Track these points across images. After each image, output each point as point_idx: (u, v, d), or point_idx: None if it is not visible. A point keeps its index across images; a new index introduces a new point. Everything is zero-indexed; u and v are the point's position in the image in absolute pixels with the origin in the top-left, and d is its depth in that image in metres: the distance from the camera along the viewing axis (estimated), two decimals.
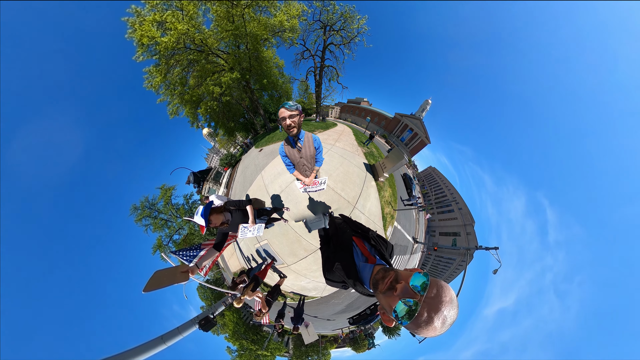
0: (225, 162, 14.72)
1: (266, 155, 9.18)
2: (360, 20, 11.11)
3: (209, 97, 12.72)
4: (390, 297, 0.84)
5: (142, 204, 12.40)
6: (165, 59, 10.24)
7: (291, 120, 2.00)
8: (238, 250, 8.21)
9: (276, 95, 14.80)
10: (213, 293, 16.94)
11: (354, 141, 10.41)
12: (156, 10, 8.79)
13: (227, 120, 14.80)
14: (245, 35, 11.16)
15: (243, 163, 11.48)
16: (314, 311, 8.28)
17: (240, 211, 2.63)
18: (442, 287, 0.76)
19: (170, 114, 12.16)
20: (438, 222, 19.20)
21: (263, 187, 7.03)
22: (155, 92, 11.01)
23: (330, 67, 13.67)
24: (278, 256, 6.19)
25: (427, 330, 0.73)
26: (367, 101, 29.64)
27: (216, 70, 12.31)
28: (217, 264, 11.53)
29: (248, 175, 8.69)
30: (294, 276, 6.23)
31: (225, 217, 2.39)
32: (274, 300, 4.94)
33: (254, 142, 14.63)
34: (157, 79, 10.58)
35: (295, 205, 6.07)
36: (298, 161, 2.54)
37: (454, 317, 0.74)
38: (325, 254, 1.62)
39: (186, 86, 12.06)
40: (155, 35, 9.09)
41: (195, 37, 10.22)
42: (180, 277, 1.87)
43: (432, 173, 24.51)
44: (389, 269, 0.99)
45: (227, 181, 13.75)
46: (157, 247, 12.33)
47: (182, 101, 12.14)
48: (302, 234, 5.88)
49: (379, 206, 6.83)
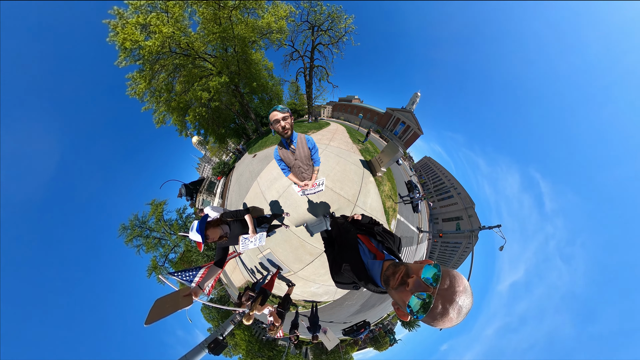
0: (218, 171, 14.27)
1: (261, 161, 9.03)
2: (347, 19, 11.44)
3: (197, 103, 12.38)
4: (403, 292, 0.83)
5: (132, 223, 11.56)
6: (150, 64, 9.86)
7: (285, 122, 2.01)
8: (241, 264, 7.95)
9: (267, 98, 14.70)
10: (219, 312, 16.02)
11: (349, 139, 10.53)
12: (140, 12, 8.50)
13: (217, 126, 14.43)
14: (233, 38, 11.07)
15: (237, 170, 11.24)
16: (329, 316, 8.12)
17: (238, 222, 2.51)
18: (454, 277, 0.76)
19: (157, 122, 11.65)
20: (440, 209, 19.85)
21: (260, 193, 6.87)
22: (140, 99, 10.52)
23: (320, 67, 13.87)
24: (283, 264, 5.98)
25: (444, 322, 0.73)
26: (358, 98, 30.35)
27: (204, 75, 12.04)
28: (219, 280, 10.90)
29: (243, 183, 8.49)
30: (302, 283, 6.07)
31: (223, 230, 2.24)
32: (286, 311, 4.71)
33: (247, 147, 14.40)
34: (141, 85, 10.13)
35: (295, 210, 5.97)
36: (293, 164, 2.52)
37: (469, 306, 0.74)
38: (331, 256, 1.55)
39: (172, 92, 11.67)
40: (139, 39, 8.75)
41: (181, 41, 9.97)
42: (183, 302, 1.73)
43: (428, 162, 25.55)
44: (398, 264, 0.97)
45: (221, 191, 13.35)
46: (152, 269, 11.48)
47: (168, 108, 11.70)
48: (306, 238, 5.76)
49: (380, 201, 6.88)
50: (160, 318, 1.65)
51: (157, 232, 11.85)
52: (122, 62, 9.12)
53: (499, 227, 9.09)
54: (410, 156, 23.23)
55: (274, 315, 4.06)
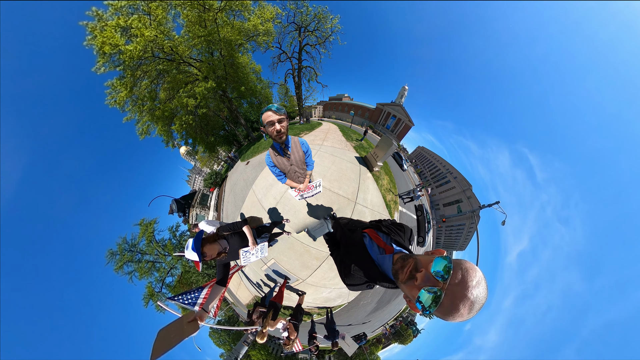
0: (211, 182, 13.63)
1: (254, 168, 8.84)
2: (333, 19, 11.85)
3: (183, 111, 11.87)
4: (411, 286, 0.81)
5: (120, 247, 10.44)
6: (131, 70, 9.29)
7: (281, 126, 1.88)
8: (245, 279, 7.59)
9: (256, 102, 14.50)
10: (230, 335, 14.83)
11: (342, 137, 10.73)
12: (120, 14, 8.04)
13: (205, 134, 13.88)
14: (219, 41, 10.91)
15: (230, 180, 10.87)
16: (346, 319, 7.92)
17: (237, 235, 2.39)
18: (467, 269, 0.71)
19: (140, 134, 10.91)
20: (439, 195, 20.78)
21: (257, 202, 6.69)
22: (121, 109, 9.82)
23: (308, 68, 14.09)
24: (290, 273, 5.79)
25: (454, 318, 0.71)
26: (348, 96, 31.21)
27: (189, 81, 11.63)
28: (224, 300, 10.20)
29: (238, 192, 8.21)
30: (313, 290, 5.89)
31: (221, 246, 2.14)
32: (300, 322, 4.53)
33: (239, 155, 14.01)
34: (121, 93, 9.48)
35: (295, 215, 5.85)
36: (289, 169, 2.43)
37: (483, 300, 0.70)
38: (338, 259, 1.51)
39: (156, 100, 11.07)
40: (119, 43, 8.24)
41: (165, 45, 9.58)
42: (189, 329, 1.61)
43: (422, 152, 26.88)
44: (407, 257, 0.94)
45: (215, 203, 12.78)
46: (148, 296, 10.37)
47: (152, 118, 11.04)
48: (310, 243, 5.65)
49: (380, 196, 6.93)
50: (166, 351, 1.51)
51: (150, 255, 10.80)
52: (101, 68, 8.49)
53: (498, 204, 9.67)
54: (404, 148, 24.43)
55: (291, 328, 3.87)
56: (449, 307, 0.70)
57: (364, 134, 12.23)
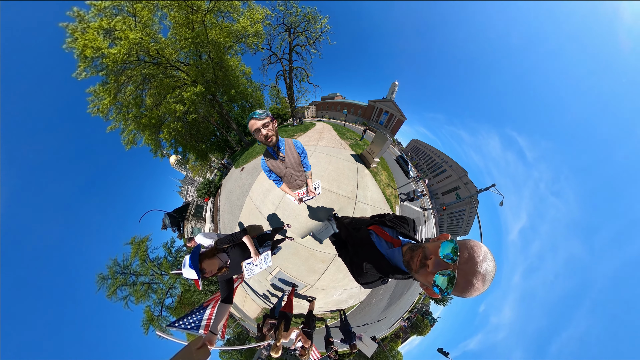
0: (204, 192, 13.10)
1: (249, 174, 8.67)
2: (323, 20, 12.06)
3: (172, 118, 11.38)
4: (425, 274, 0.87)
5: (112, 270, 9.53)
6: (115, 75, 8.77)
7: (267, 130, 1.86)
8: (250, 292, 7.34)
9: (247, 105, 14.27)
10: (242, 353, 13.89)
11: (337, 136, 10.89)
12: (104, 15, 7.57)
13: (196, 141, 13.36)
14: (207, 44, 10.67)
15: (225, 188, 10.58)
16: (361, 319, 7.91)
17: (237, 246, 2.31)
18: (472, 247, 0.78)
19: (126, 144, 10.25)
20: (437, 184, 21.97)
21: (255, 209, 6.55)
22: (104, 117, 9.18)
23: (299, 69, 14.15)
24: (297, 280, 5.69)
25: (472, 293, 0.77)
26: (340, 95, 31.81)
27: (177, 85, 11.20)
28: (231, 316, 9.73)
29: (234, 201, 8.01)
30: (323, 294, 5.83)
31: (221, 260, 2.05)
32: (313, 329, 4.48)
33: (233, 161, 13.65)
34: (105, 101, 8.88)
35: (296, 219, 5.81)
36: (284, 172, 2.41)
37: (493, 271, 0.77)
38: (348, 258, 1.54)
39: (142, 107, 10.53)
40: (102, 46, 7.76)
41: (151, 48, 9.18)
42: (199, 356, 1.52)
43: (417, 144, 28.36)
44: (415, 247, 1.00)
45: (211, 214, 12.29)
46: (148, 322, 9.48)
47: (139, 126, 10.44)
48: (314, 246, 5.64)
49: (380, 191, 7.06)
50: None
51: (145, 276, 9.95)
52: (82, 74, 7.92)
53: (494, 186, 10.21)
54: (398, 142, 25.35)
55: (303, 337, 3.78)
56: (464, 285, 0.76)
57: (363, 133, 12.40)
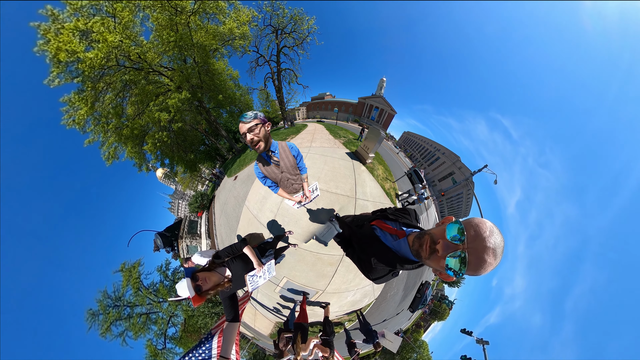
0: (197, 206, 12.36)
1: (244, 182, 8.50)
2: (310, 20, 12.34)
3: (156, 127, 10.69)
4: (437, 259, 0.89)
5: (102, 304, 8.41)
6: (92, 81, 8.06)
7: (253, 134, 1.78)
8: (260, 307, 7.11)
9: (236, 110, 13.85)
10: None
11: (329, 135, 11.10)
12: (80, 15, 6.93)
13: (184, 152, 12.61)
14: (192, 47, 10.31)
15: (219, 200, 10.24)
16: (379, 316, 8.00)
17: (238, 258, 2.20)
18: (477, 224, 0.81)
19: (107, 158, 9.36)
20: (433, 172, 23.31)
21: (253, 219, 6.47)
22: (81, 130, 8.32)
23: (288, 70, 14.21)
24: (307, 287, 5.65)
25: (486, 269, 0.78)
26: (330, 94, 32.42)
27: (160, 92, 10.58)
28: (242, 336, 9.15)
29: (230, 212, 7.82)
30: (336, 298, 5.84)
31: (221, 274, 1.97)
32: (332, 335, 4.44)
33: (225, 170, 13.12)
34: (81, 111, 8.08)
35: (297, 224, 5.81)
36: (280, 177, 2.35)
37: (502, 243, 0.78)
38: (356, 257, 1.56)
39: (123, 117, 9.73)
40: (78, 50, 7.10)
41: (131, 52, 8.61)
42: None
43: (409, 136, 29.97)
44: (422, 234, 1.02)
45: (207, 229, 11.64)
46: (152, 358, 8.39)
47: (120, 138, 9.62)
48: (319, 250, 5.65)
49: (379, 186, 7.24)
50: None
51: (142, 306, 8.88)
52: (55, 80, 7.14)
53: (486, 167, 10.96)
54: (391, 135, 26.46)
55: (320, 347, 3.73)
56: (477, 262, 0.78)
57: (361, 133, 12.41)
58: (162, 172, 19.42)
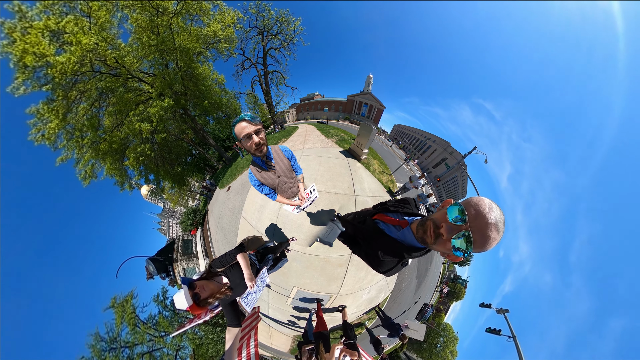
0: (189, 223, 11.60)
1: (238, 192, 8.25)
2: (296, 21, 12.53)
3: (137, 140, 9.86)
4: (442, 242, 0.94)
5: (96, 349, 7.22)
6: (64, 89, 7.19)
7: (259, 137, 1.75)
8: (273, 323, 6.82)
9: (223, 117, 13.31)
10: None
11: (321, 135, 11.33)
12: (51, 13, 6.16)
13: (170, 165, 11.73)
14: (174, 50, 9.79)
15: (213, 214, 9.86)
16: (398, 308, 8.11)
17: (235, 266, 2.17)
18: (476, 202, 0.86)
19: (84, 178, 8.38)
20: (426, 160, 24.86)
21: (252, 230, 6.36)
22: (52, 146, 7.31)
23: (275, 72, 14.13)
24: (320, 294, 5.61)
25: (491, 244, 0.83)
26: (319, 94, 32.84)
27: (141, 100, 9.82)
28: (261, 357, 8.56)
29: (227, 226, 7.58)
30: (351, 299, 5.85)
31: (219, 283, 1.95)
32: (355, 337, 4.53)
33: (216, 181, 12.51)
34: (52, 123, 7.14)
35: (299, 229, 5.80)
36: (277, 182, 2.32)
37: (502, 217, 0.83)
38: (363, 253, 1.61)
39: (100, 129, 8.80)
40: (48, 52, 6.30)
41: (108, 56, 7.89)
42: None
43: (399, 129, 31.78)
44: (424, 221, 1.07)
45: (203, 247, 10.97)
46: None
47: (98, 154, 8.68)
48: (326, 252, 5.69)
49: (376, 180, 7.42)
50: None
51: (142, 344, 7.71)
52: (20, 88, 6.22)
53: (475, 149, 11.86)
54: (383, 130, 27.67)
55: (348, 351, 3.76)
56: (482, 239, 0.82)
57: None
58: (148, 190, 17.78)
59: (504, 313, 8.34)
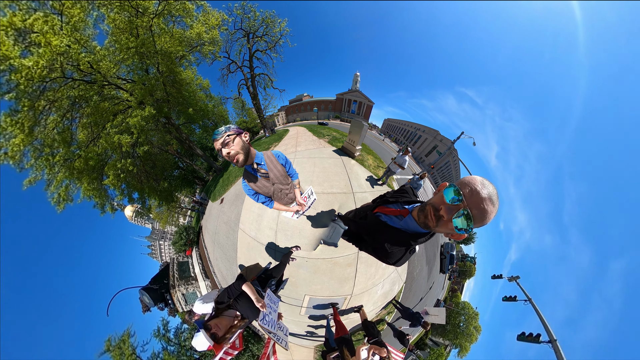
0: (183, 244, 10.76)
1: (232, 203, 8.02)
2: (282, 23, 12.55)
3: (117, 155, 8.97)
4: (444, 224, 1.01)
5: None
6: (30, 98, 6.24)
7: (229, 148, 1.72)
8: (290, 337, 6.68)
9: (210, 124, 12.64)
10: None
11: (313, 137, 11.48)
12: (18, 8, 5.32)
13: (155, 180, 10.75)
14: (155, 54, 9.16)
15: (207, 230, 9.49)
16: (414, 297, 8.30)
17: (241, 297, 2.26)
18: (469, 181, 0.95)
19: (57, 202, 7.39)
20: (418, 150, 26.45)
21: (253, 242, 6.22)
22: (17, 166, 6.23)
23: (262, 75, 13.95)
24: (333, 298, 5.63)
25: (489, 218, 0.92)
26: (308, 95, 33.13)
27: (119, 110, 8.96)
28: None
29: (224, 242, 7.34)
30: (366, 297, 5.89)
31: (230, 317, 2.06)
32: (378, 334, 4.59)
33: (207, 194, 11.83)
34: (16, 139, 6.10)
35: (301, 234, 5.79)
36: (272, 190, 2.31)
37: (494, 190, 0.93)
38: (370, 248, 1.67)
39: (74, 144, 7.78)
40: (12, 54, 5.45)
41: (81, 60, 7.07)
42: None
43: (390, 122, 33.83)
44: (423, 207, 1.14)
45: (201, 268, 10.23)
46: None
47: (72, 173, 7.69)
48: (332, 254, 5.72)
49: (372, 175, 7.63)
50: None
51: None
52: None
53: (463, 133, 12.98)
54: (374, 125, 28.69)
55: (376, 349, 3.85)
56: (480, 214, 0.91)
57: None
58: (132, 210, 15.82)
59: (515, 280, 8.92)
